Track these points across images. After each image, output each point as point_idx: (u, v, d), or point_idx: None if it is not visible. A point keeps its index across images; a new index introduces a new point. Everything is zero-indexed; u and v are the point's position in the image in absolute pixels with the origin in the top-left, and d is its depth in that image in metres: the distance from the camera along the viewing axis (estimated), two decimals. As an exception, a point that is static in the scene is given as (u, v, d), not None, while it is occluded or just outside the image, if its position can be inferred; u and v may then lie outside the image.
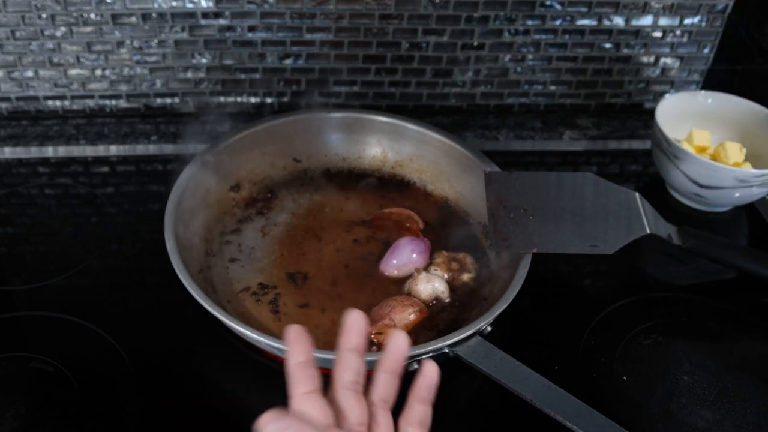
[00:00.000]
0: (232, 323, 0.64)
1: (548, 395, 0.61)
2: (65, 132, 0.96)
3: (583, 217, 0.76)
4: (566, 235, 0.75)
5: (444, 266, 0.76)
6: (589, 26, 0.96)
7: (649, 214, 0.78)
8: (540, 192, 0.78)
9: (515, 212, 0.76)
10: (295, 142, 0.87)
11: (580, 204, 0.77)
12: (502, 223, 0.76)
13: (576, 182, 0.79)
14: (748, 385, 0.71)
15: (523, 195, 0.78)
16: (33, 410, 0.65)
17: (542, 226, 0.75)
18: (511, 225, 0.76)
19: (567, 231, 0.75)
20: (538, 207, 0.77)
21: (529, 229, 0.75)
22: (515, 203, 0.77)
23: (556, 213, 0.76)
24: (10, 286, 0.77)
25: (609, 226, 0.76)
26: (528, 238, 0.74)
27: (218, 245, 0.78)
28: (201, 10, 0.89)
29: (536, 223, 0.75)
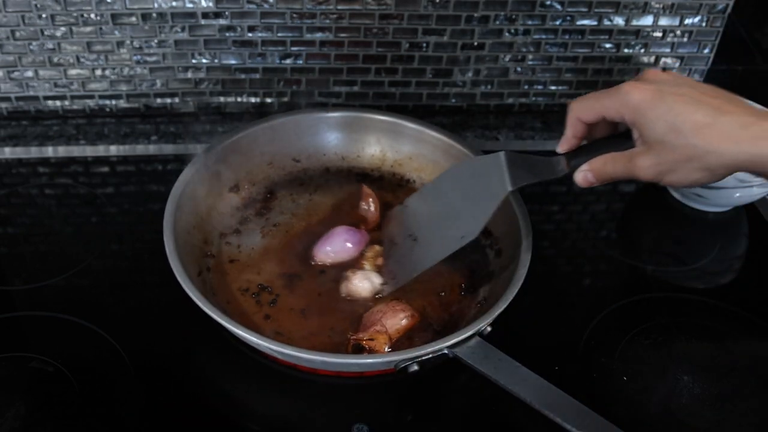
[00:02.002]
0: (230, 326, 0.64)
1: (548, 397, 0.61)
2: (65, 132, 0.96)
3: (456, 211, 0.73)
4: (443, 241, 0.72)
5: (371, 261, 0.76)
6: (590, 26, 0.95)
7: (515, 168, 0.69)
8: (426, 207, 0.76)
9: (403, 243, 0.76)
10: (294, 141, 0.87)
11: (456, 198, 0.73)
12: (391, 261, 0.76)
13: (454, 176, 0.75)
14: (748, 385, 0.71)
15: (413, 220, 0.76)
16: (33, 410, 0.65)
17: (425, 245, 0.74)
18: (399, 259, 0.75)
19: (445, 235, 0.72)
20: (423, 225, 0.75)
21: (414, 255, 0.74)
22: (404, 233, 0.76)
23: (436, 222, 0.74)
24: (10, 286, 0.77)
25: (475, 207, 0.71)
26: (411, 265, 0.73)
27: (217, 246, 0.78)
28: (201, 10, 0.89)
29: (420, 245, 0.74)
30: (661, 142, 0.60)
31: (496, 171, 0.69)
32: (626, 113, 0.62)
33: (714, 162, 0.59)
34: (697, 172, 0.60)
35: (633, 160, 0.62)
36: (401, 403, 0.69)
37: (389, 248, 0.77)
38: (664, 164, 0.61)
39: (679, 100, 0.59)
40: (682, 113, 0.59)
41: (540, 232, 0.81)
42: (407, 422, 0.67)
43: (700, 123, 0.58)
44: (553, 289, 0.80)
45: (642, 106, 0.60)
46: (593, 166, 0.66)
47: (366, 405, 0.68)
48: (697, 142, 0.58)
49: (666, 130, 0.59)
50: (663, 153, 0.60)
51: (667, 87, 0.61)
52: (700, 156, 0.59)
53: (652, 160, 0.61)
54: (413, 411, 0.68)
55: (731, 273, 0.85)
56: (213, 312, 0.64)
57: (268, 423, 0.67)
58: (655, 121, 0.60)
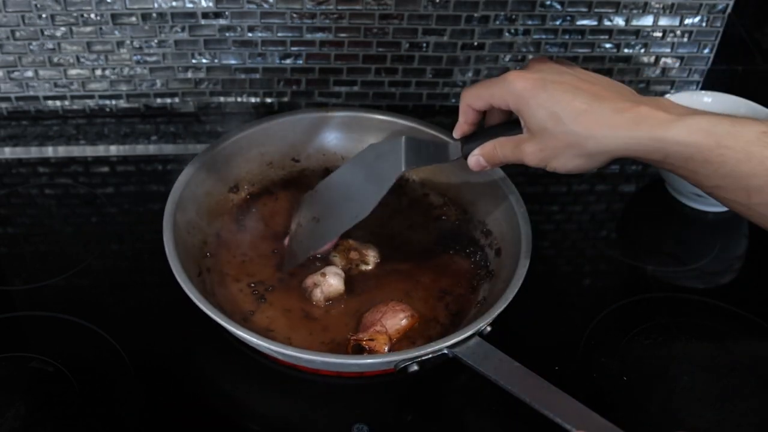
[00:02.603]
0: (230, 326, 0.64)
1: (547, 397, 0.61)
2: (65, 132, 0.96)
3: (355, 192, 0.74)
4: (339, 220, 0.74)
5: (343, 255, 0.77)
6: (590, 26, 0.95)
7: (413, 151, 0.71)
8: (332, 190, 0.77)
9: (307, 225, 0.77)
10: (293, 141, 0.87)
11: (358, 180, 0.74)
12: (294, 242, 0.77)
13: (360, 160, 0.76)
14: (748, 385, 0.71)
15: (319, 203, 0.78)
16: (33, 410, 0.65)
17: (324, 224, 0.75)
18: (301, 239, 0.77)
19: (343, 214, 0.74)
20: (326, 207, 0.77)
21: (313, 234, 0.76)
22: (309, 216, 0.78)
23: (337, 203, 0.76)
24: (10, 286, 0.77)
25: (371, 187, 0.72)
26: (309, 243, 0.76)
27: (217, 246, 0.78)
28: (201, 10, 0.89)
29: (320, 225, 0.76)
30: (543, 129, 0.61)
31: (394, 154, 0.71)
32: (511, 101, 0.63)
33: (593, 148, 0.60)
34: (578, 158, 0.61)
35: (519, 146, 0.64)
36: (401, 403, 0.69)
37: (294, 231, 0.78)
38: (546, 150, 0.62)
39: (559, 88, 0.61)
40: (562, 101, 0.60)
41: (540, 232, 0.82)
42: (407, 422, 0.67)
43: (578, 109, 0.59)
44: (553, 289, 0.80)
45: (525, 95, 0.62)
46: (484, 150, 0.68)
47: (366, 405, 0.68)
48: (575, 129, 0.59)
49: (547, 118, 0.61)
50: (545, 140, 0.61)
51: (549, 75, 0.62)
52: (579, 142, 0.60)
53: (536, 146, 0.63)
54: (413, 411, 0.68)
55: (731, 273, 0.86)
56: (213, 312, 0.64)
57: (268, 423, 0.67)
58: (537, 109, 0.61)
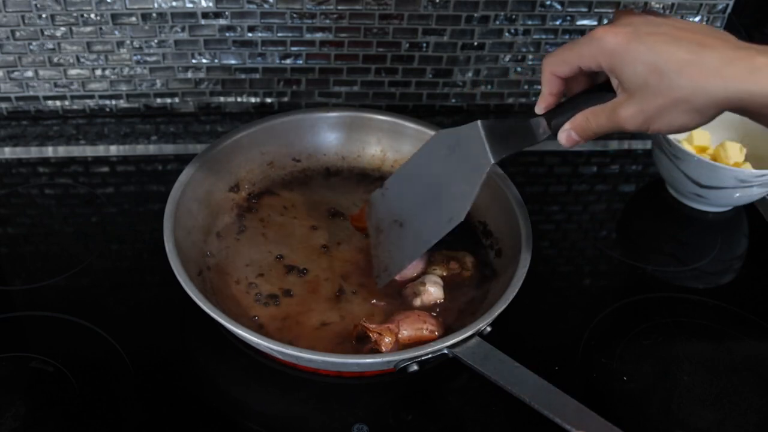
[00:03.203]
0: (230, 325, 0.64)
1: (547, 397, 0.61)
2: (65, 132, 0.96)
3: (440, 191, 0.68)
4: (430, 224, 0.68)
5: (443, 266, 0.76)
6: (590, 26, 0.95)
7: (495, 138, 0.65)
8: (407, 188, 0.72)
9: (390, 230, 0.72)
10: (294, 141, 0.87)
11: (438, 176, 0.69)
12: (381, 250, 0.72)
13: (431, 152, 0.71)
14: (748, 385, 0.71)
15: (396, 204, 0.72)
16: (33, 410, 0.65)
17: (412, 230, 0.70)
18: (388, 247, 0.72)
19: (431, 218, 0.68)
20: (407, 208, 0.71)
21: (403, 241, 0.70)
22: (389, 219, 0.72)
23: (420, 205, 0.70)
24: (10, 286, 0.77)
25: (459, 185, 0.66)
26: (403, 253, 0.70)
27: (217, 246, 0.78)
28: (201, 10, 0.89)
29: (407, 230, 0.71)
30: (643, 86, 0.55)
31: (475, 143, 0.65)
32: (602, 60, 0.57)
33: (702, 102, 0.54)
34: (686, 114, 0.55)
35: (616, 111, 0.58)
36: (401, 403, 0.69)
37: (376, 237, 0.74)
38: (649, 110, 0.56)
39: (658, 40, 0.55)
40: (663, 52, 0.54)
41: (540, 232, 0.82)
42: (407, 422, 0.67)
43: (683, 61, 0.54)
44: (553, 289, 0.80)
45: (618, 50, 0.56)
46: (575, 123, 0.61)
47: (366, 405, 0.68)
48: (682, 82, 0.54)
49: (647, 73, 0.55)
50: (646, 98, 0.56)
51: (643, 27, 0.56)
52: (687, 97, 0.54)
53: (635, 107, 0.56)
54: (413, 411, 0.68)
55: (731, 273, 0.86)
56: (213, 312, 0.64)
57: (268, 423, 0.67)
58: (634, 65, 0.55)
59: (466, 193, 0.65)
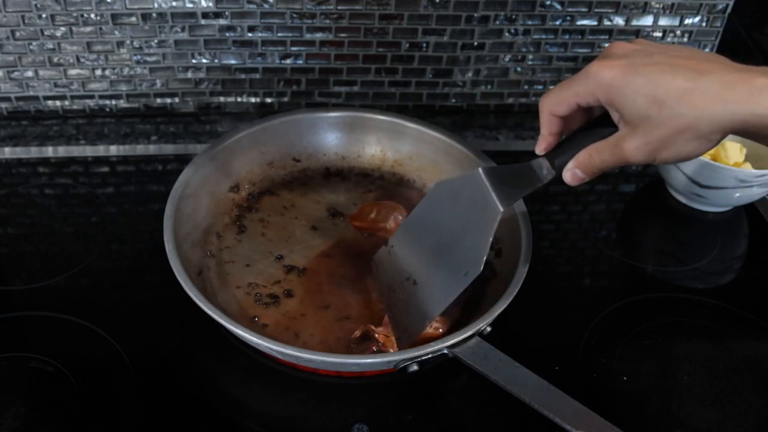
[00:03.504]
0: (230, 326, 0.64)
1: (547, 397, 0.61)
2: (65, 132, 0.96)
3: (450, 244, 0.67)
4: (445, 280, 0.66)
5: None
6: (590, 26, 0.95)
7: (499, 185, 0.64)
8: (415, 244, 0.70)
9: (402, 289, 0.70)
10: (294, 141, 0.87)
11: (445, 229, 0.67)
12: (397, 311, 0.69)
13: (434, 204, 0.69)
14: (748, 385, 0.71)
15: (405, 261, 0.71)
16: (33, 410, 0.65)
17: (427, 287, 0.68)
18: (404, 307, 0.69)
19: (446, 273, 0.66)
20: (418, 265, 0.69)
21: (418, 301, 0.68)
22: (401, 277, 0.70)
23: (431, 260, 0.68)
24: (10, 286, 0.77)
25: (470, 237, 0.65)
26: (419, 312, 0.67)
27: (217, 246, 0.78)
28: (201, 10, 0.89)
29: (421, 288, 0.68)
30: (645, 118, 0.55)
31: (479, 193, 0.64)
32: (600, 95, 0.57)
33: (706, 128, 0.54)
34: (691, 142, 0.55)
35: (619, 145, 0.57)
36: (401, 403, 0.69)
37: (389, 297, 0.71)
38: (653, 142, 0.56)
39: (654, 69, 0.55)
40: (661, 82, 0.54)
41: (540, 232, 0.82)
42: (407, 422, 0.67)
43: (682, 89, 0.53)
44: (553, 289, 0.80)
45: (615, 84, 0.55)
46: (579, 161, 0.61)
47: (366, 405, 0.68)
48: (683, 110, 0.53)
49: (648, 105, 0.54)
50: (649, 130, 0.55)
51: (637, 58, 0.56)
52: (691, 125, 0.54)
53: (639, 140, 0.56)
54: (413, 411, 0.68)
55: (731, 273, 0.86)
56: (213, 312, 0.64)
57: (268, 423, 0.67)
58: (634, 98, 0.55)
59: (479, 245, 0.64)
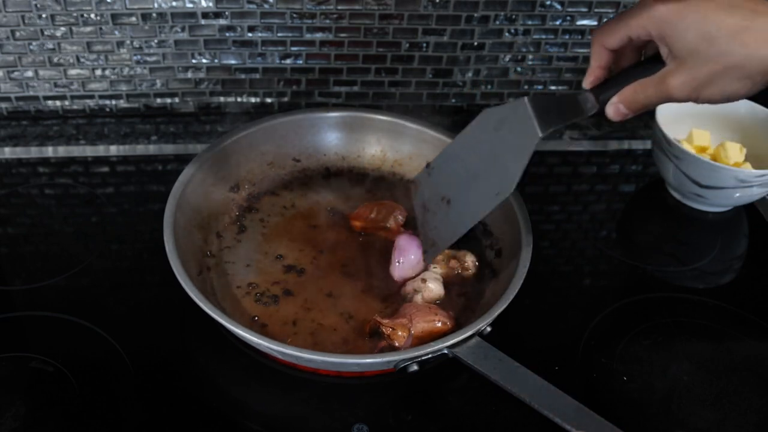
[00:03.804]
0: (231, 325, 0.64)
1: (547, 397, 0.61)
2: (65, 132, 0.96)
3: (487, 167, 0.69)
4: (477, 200, 0.69)
5: (443, 264, 0.76)
6: (590, 26, 0.95)
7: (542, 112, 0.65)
8: (454, 167, 0.72)
9: (437, 208, 0.73)
10: (294, 141, 0.87)
11: (485, 153, 0.69)
12: (428, 228, 0.73)
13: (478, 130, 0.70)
14: (748, 385, 0.71)
15: (443, 182, 0.73)
16: (33, 410, 0.65)
17: (460, 206, 0.71)
18: (435, 224, 0.73)
19: (479, 193, 0.69)
20: (455, 186, 0.72)
21: (450, 219, 0.72)
22: (436, 197, 0.73)
23: (468, 182, 0.70)
24: (10, 286, 0.77)
25: (506, 160, 0.66)
26: (451, 228, 0.71)
27: (217, 246, 0.78)
28: (201, 10, 0.89)
29: (455, 207, 0.72)
30: (694, 53, 0.54)
31: (522, 118, 0.65)
32: (653, 27, 0.57)
33: (755, 68, 0.53)
34: (737, 82, 0.55)
35: (665, 81, 0.57)
36: (401, 403, 0.69)
37: (423, 215, 0.75)
38: (699, 78, 0.55)
39: (710, 6, 0.54)
40: (715, 19, 0.53)
41: (540, 232, 0.82)
42: (407, 422, 0.67)
43: (737, 27, 0.53)
44: (553, 289, 0.80)
45: (669, 17, 0.55)
46: (623, 96, 0.60)
47: (366, 405, 0.68)
48: (734, 49, 0.53)
49: (698, 40, 0.54)
50: (697, 66, 0.55)
51: None
52: (739, 64, 0.53)
53: (685, 76, 0.56)
54: (413, 411, 0.68)
55: (731, 273, 0.86)
56: (213, 312, 0.64)
57: (268, 423, 0.67)
58: (686, 31, 0.54)
59: (514, 168, 0.65)
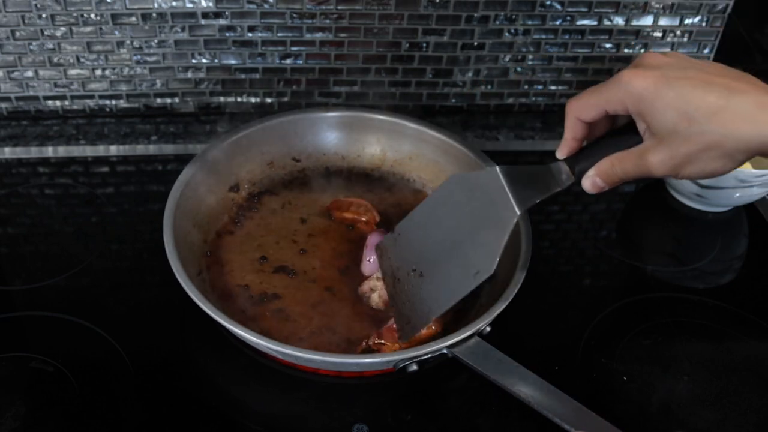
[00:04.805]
0: (230, 325, 0.64)
1: (547, 397, 0.61)
2: (65, 132, 0.96)
3: (462, 240, 0.65)
4: (455, 277, 0.65)
5: None
6: (590, 26, 0.95)
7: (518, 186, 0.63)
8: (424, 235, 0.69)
9: (407, 279, 0.69)
10: (294, 141, 0.87)
11: (457, 224, 0.66)
12: (400, 302, 0.68)
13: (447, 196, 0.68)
14: (748, 385, 0.71)
15: (411, 250, 0.69)
16: (33, 410, 0.65)
17: (434, 281, 0.67)
18: (407, 299, 0.68)
19: (455, 270, 0.65)
20: (426, 257, 0.68)
21: (424, 294, 0.67)
22: (407, 267, 0.69)
23: (441, 254, 0.67)
24: (10, 286, 0.77)
25: (483, 236, 0.64)
26: (425, 305, 0.66)
27: (217, 246, 0.78)
28: (201, 10, 0.89)
29: (428, 281, 0.67)
30: (672, 132, 0.55)
31: (496, 192, 0.63)
32: (630, 104, 0.57)
33: (733, 147, 0.54)
34: (716, 160, 0.55)
35: (644, 157, 0.57)
36: (401, 403, 0.69)
37: (393, 286, 0.70)
38: (678, 157, 0.55)
39: (687, 84, 0.54)
40: (693, 98, 0.54)
41: (540, 232, 0.82)
42: (407, 422, 0.67)
43: (714, 106, 0.53)
44: (553, 289, 0.80)
45: (647, 95, 0.55)
46: (600, 169, 0.60)
47: (366, 405, 0.68)
48: (712, 128, 0.53)
49: (677, 119, 0.54)
50: (676, 144, 0.55)
51: (671, 71, 0.56)
52: (717, 143, 0.54)
53: (664, 153, 0.56)
54: (413, 411, 0.68)
55: (731, 273, 0.86)
56: (213, 312, 0.64)
57: (268, 423, 0.67)
58: (664, 110, 0.55)
59: (493, 246, 0.63)
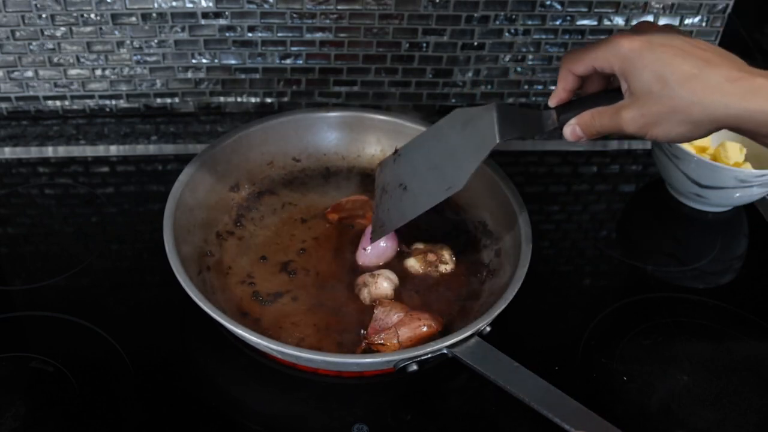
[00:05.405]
0: (231, 325, 0.64)
1: (547, 397, 0.62)
2: (65, 132, 0.96)
3: (445, 161, 0.72)
4: (430, 190, 0.72)
5: (420, 258, 0.76)
6: (590, 26, 0.95)
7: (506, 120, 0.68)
8: (418, 156, 0.75)
9: (394, 192, 0.75)
10: (294, 141, 0.87)
11: (446, 147, 0.72)
12: (381, 210, 0.76)
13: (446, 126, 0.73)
14: (748, 385, 0.71)
15: (405, 169, 0.76)
16: (33, 410, 0.65)
17: (413, 194, 0.74)
18: (388, 208, 0.75)
19: (431, 184, 0.72)
20: (413, 174, 0.75)
21: (403, 203, 0.74)
22: (396, 182, 0.76)
23: (426, 172, 0.73)
24: (10, 286, 0.77)
25: (463, 157, 0.70)
26: (400, 212, 0.74)
27: (217, 245, 0.78)
28: (201, 10, 0.89)
29: (409, 194, 0.74)
30: (647, 92, 0.59)
31: (486, 122, 0.68)
32: (615, 63, 0.61)
33: (698, 115, 0.57)
34: (682, 125, 0.58)
35: (619, 113, 0.61)
36: (401, 403, 0.69)
37: (380, 197, 0.77)
38: (648, 116, 0.59)
39: (668, 51, 0.58)
40: (670, 63, 0.58)
41: (540, 232, 0.82)
42: (407, 422, 0.67)
43: (687, 74, 0.57)
44: (553, 289, 0.80)
45: (630, 56, 0.59)
46: (581, 120, 0.64)
47: (366, 405, 0.68)
48: (682, 93, 0.57)
49: (652, 80, 0.58)
50: (648, 104, 0.59)
51: (657, 38, 0.60)
52: (684, 108, 0.57)
53: (636, 111, 0.60)
54: (413, 411, 0.68)
55: (731, 273, 0.86)
56: (213, 312, 0.64)
57: (268, 423, 0.67)
58: (643, 71, 0.59)
59: (468, 165, 0.68)
